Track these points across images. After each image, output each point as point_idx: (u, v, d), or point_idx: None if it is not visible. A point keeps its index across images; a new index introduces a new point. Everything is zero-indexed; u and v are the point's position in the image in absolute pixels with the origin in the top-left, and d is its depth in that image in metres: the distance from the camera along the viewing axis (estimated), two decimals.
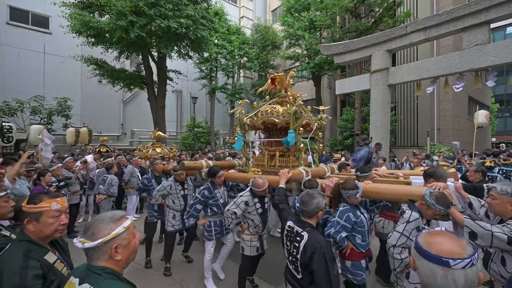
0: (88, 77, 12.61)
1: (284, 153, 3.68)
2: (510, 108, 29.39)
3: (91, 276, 1.03)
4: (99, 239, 1.03)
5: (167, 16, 9.18)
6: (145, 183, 4.47)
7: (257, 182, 2.97)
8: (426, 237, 0.96)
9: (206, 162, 3.97)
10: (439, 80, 7.21)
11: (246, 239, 3.11)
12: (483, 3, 5.83)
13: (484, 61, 5.89)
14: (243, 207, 3.02)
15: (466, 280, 0.84)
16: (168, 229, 3.87)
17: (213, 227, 3.46)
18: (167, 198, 3.93)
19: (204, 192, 3.43)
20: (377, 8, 12.89)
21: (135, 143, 16.37)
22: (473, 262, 0.86)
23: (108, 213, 1.14)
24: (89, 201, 6.45)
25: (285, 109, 3.44)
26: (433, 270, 0.88)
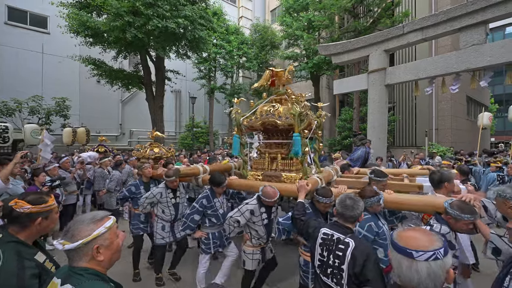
0: (87, 77, 12.59)
1: (286, 155, 3.44)
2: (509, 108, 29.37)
3: (73, 277, 1.02)
4: (79, 241, 1.02)
5: (165, 17, 9.17)
6: (132, 190, 3.86)
7: (267, 191, 2.71)
8: (400, 232, 1.01)
9: (202, 167, 3.64)
10: (436, 80, 7.22)
11: (248, 251, 2.87)
12: (479, 3, 5.85)
13: (481, 61, 5.91)
14: (248, 216, 2.75)
15: (429, 273, 0.88)
16: (158, 242, 3.51)
17: (211, 240, 3.15)
18: (156, 206, 3.55)
19: (203, 201, 3.11)
20: (375, 8, 12.90)
21: (133, 143, 16.36)
22: (437, 256, 0.89)
23: (89, 213, 1.14)
24: (86, 201, 6.45)
25: (286, 109, 3.20)
26: (399, 260, 0.94)
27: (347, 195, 1.88)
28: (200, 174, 3.55)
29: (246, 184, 3.27)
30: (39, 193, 1.48)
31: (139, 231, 3.83)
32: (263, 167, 3.49)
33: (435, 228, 1.92)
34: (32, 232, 1.38)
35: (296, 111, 3.06)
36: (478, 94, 17.43)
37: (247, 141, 3.73)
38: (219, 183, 3.11)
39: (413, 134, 14.42)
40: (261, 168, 3.50)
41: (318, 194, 2.47)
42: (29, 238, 1.38)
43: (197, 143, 17.51)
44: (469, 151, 11.32)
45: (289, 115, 3.12)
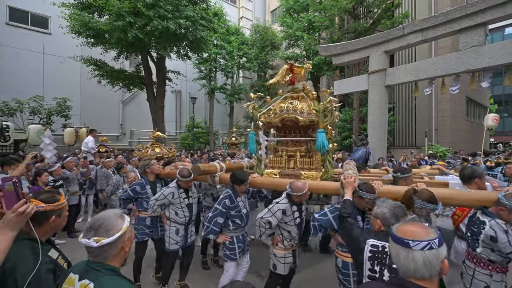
0: (88, 77, 12.64)
1: (305, 153, 3.30)
2: (508, 108, 29.51)
3: (90, 272, 1.07)
4: (115, 234, 1.09)
5: (166, 17, 9.22)
6: (137, 190, 3.48)
7: (296, 185, 2.56)
8: (399, 225, 1.08)
9: (219, 165, 3.35)
10: (436, 81, 7.27)
11: (279, 255, 2.67)
12: (479, 5, 5.90)
13: (480, 62, 5.96)
14: (280, 216, 2.58)
15: (425, 262, 0.94)
16: (171, 247, 3.16)
17: (236, 244, 2.90)
18: (167, 208, 3.24)
19: (226, 202, 2.85)
20: (376, 9, 12.96)
21: (134, 143, 16.39)
22: (432, 246, 0.95)
23: (109, 211, 1.21)
24: (88, 201, 6.47)
25: (306, 106, 3.08)
26: (398, 251, 1.00)
27: (396, 203, 1.74)
28: (218, 172, 3.28)
29: (270, 182, 3.09)
30: (51, 192, 1.51)
31: (144, 237, 3.46)
32: (280, 166, 3.33)
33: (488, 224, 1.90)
34: (46, 230, 1.42)
35: (319, 107, 2.95)
36: (478, 95, 17.49)
37: (263, 138, 3.56)
38: (242, 180, 2.88)
39: (413, 135, 14.48)
40: (277, 167, 3.34)
41: (361, 189, 2.25)
42: (43, 236, 1.42)
43: (197, 143, 17.55)
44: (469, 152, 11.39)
45: (311, 111, 2.99)
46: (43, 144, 5.06)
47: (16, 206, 1.23)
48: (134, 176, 4.56)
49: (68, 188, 5.07)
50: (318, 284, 3.36)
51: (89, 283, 1.04)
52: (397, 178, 2.72)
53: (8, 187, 1.28)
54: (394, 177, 2.78)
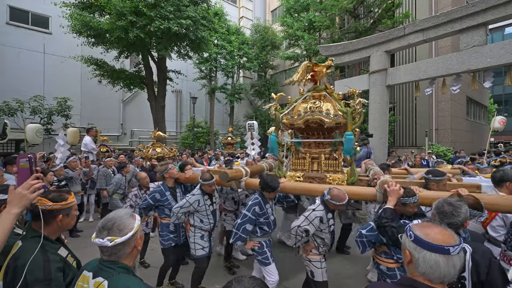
0: (89, 77, 12.64)
1: (330, 155, 3.19)
2: (508, 108, 29.55)
3: (104, 270, 1.09)
4: (128, 233, 1.12)
5: (168, 18, 9.23)
6: (157, 198, 3.35)
7: (339, 195, 2.43)
8: (422, 229, 1.02)
9: (245, 170, 3.22)
10: (436, 81, 7.28)
11: (315, 259, 2.58)
12: (480, 5, 5.91)
13: (481, 62, 5.97)
14: (317, 224, 2.47)
15: (461, 263, 0.96)
16: (198, 253, 3.07)
17: (266, 248, 2.85)
18: (191, 216, 3.15)
19: (255, 209, 2.76)
20: (376, 9, 12.97)
21: (135, 143, 16.40)
22: (462, 247, 0.97)
23: (120, 210, 1.23)
24: (90, 201, 6.49)
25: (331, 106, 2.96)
26: (436, 259, 0.95)
27: (445, 200, 1.68)
28: (243, 177, 3.16)
29: (302, 188, 2.95)
30: (59, 191, 1.53)
31: (170, 243, 3.33)
32: (304, 168, 3.22)
33: None
34: (54, 228, 1.44)
35: (347, 109, 2.83)
36: (478, 95, 17.52)
37: (284, 140, 3.40)
38: (273, 188, 2.75)
39: (414, 134, 14.50)
40: (301, 169, 3.24)
41: (405, 196, 2.15)
42: (52, 234, 1.44)
43: (197, 143, 17.56)
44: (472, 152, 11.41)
45: (337, 113, 2.87)
46: (57, 145, 5.09)
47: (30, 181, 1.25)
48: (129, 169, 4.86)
49: (71, 188, 5.08)
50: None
51: (103, 281, 1.06)
52: (428, 180, 2.59)
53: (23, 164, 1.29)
54: (425, 179, 2.64)
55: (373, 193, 2.47)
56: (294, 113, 3.13)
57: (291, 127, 3.27)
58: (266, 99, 20.32)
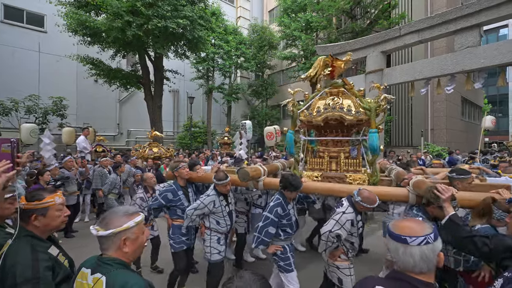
0: (84, 77, 12.54)
1: (349, 154, 3.06)
2: (502, 108, 29.91)
3: (102, 266, 1.10)
4: (111, 229, 1.11)
5: (165, 17, 9.22)
6: (169, 197, 3.12)
7: (370, 197, 2.26)
8: (395, 222, 1.12)
9: (263, 169, 3.04)
10: (432, 81, 7.36)
11: (343, 266, 2.37)
12: (473, 6, 5.99)
13: (475, 63, 6.05)
14: (349, 227, 2.30)
15: (422, 256, 0.98)
16: (213, 257, 2.89)
17: (289, 253, 2.65)
18: (207, 218, 2.96)
19: (277, 210, 2.57)
20: (373, 9, 13.07)
21: (131, 143, 16.31)
22: (428, 241, 0.99)
23: (123, 207, 1.24)
24: (85, 201, 6.45)
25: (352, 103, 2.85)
26: (396, 247, 1.04)
27: None
28: (262, 176, 2.98)
29: (327, 188, 2.78)
30: (39, 190, 1.51)
31: (182, 246, 3.09)
32: (321, 167, 3.07)
33: None
34: (36, 227, 1.41)
35: (370, 105, 2.70)
36: (472, 95, 17.72)
37: (301, 138, 3.23)
38: (296, 187, 2.55)
39: (409, 134, 14.63)
40: (318, 169, 3.09)
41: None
42: (41, 233, 1.43)
43: (195, 143, 17.54)
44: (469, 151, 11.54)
45: (359, 109, 2.74)
46: (43, 144, 5.03)
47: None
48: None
49: (67, 188, 5.05)
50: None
51: (101, 277, 1.06)
52: (452, 179, 2.46)
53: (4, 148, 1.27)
54: (449, 178, 2.52)
55: (405, 194, 2.32)
56: (312, 110, 2.96)
57: (309, 124, 3.08)
58: (263, 99, 20.35)
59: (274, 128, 11.26)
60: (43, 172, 3.89)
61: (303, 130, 3.42)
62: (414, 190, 2.26)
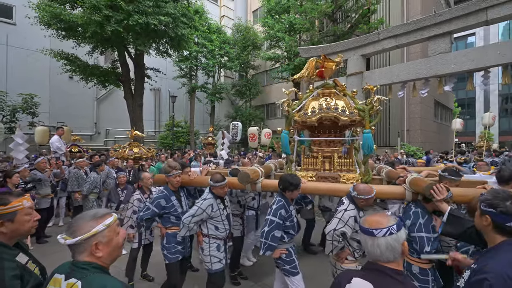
0: (58, 73, 11.86)
1: (342, 154, 3.12)
2: (470, 111, 32.11)
3: (77, 271, 1.05)
4: (78, 237, 1.05)
5: (146, 13, 8.94)
6: (163, 204, 2.90)
7: (364, 188, 2.31)
8: (365, 217, 1.20)
9: (261, 170, 2.96)
10: (407, 85, 7.74)
11: (352, 267, 2.29)
12: (445, 15, 6.38)
13: (446, 68, 6.44)
14: (353, 224, 2.26)
15: (387, 246, 1.07)
16: (215, 266, 2.72)
17: (294, 255, 2.59)
18: (204, 224, 2.79)
19: (281, 213, 2.50)
20: (353, 14, 13.50)
21: (110, 142, 15.67)
22: (391, 231, 1.08)
23: (91, 211, 1.17)
24: (60, 204, 6.12)
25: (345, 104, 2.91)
26: (365, 240, 1.13)
27: None
28: (260, 178, 2.88)
29: (326, 188, 2.81)
30: (5, 194, 1.42)
31: (178, 256, 2.88)
32: (316, 168, 3.11)
33: None
34: (3, 234, 1.33)
35: (364, 106, 2.77)
36: (444, 98, 18.83)
37: (295, 138, 3.24)
38: (296, 185, 2.51)
39: (387, 135, 15.27)
40: (312, 169, 3.12)
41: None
42: (7, 240, 1.35)
43: (177, 143, 17.18)
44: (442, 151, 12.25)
45: (353, 110, 2.80)
46: (14, 144, 4.68)
47: None
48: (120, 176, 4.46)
49: (39, 191, 4.74)
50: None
51: (76, 282, 1.01)
52: (444, 178, 2.48)
53: None
54: (440, 176, 2.56)
55: (401, 191, 2.38)
56: (306, 110, 2.99)
57: (303, 124, 3.10)
58: (247, 99, 20.35)
59: (257, 130, 11.30)
60: (11, 174, 3.62)
61: (296, 130, 3.44)
62: (410, 187, 2.32)
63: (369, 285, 1.06)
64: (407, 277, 1.12)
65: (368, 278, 1.08)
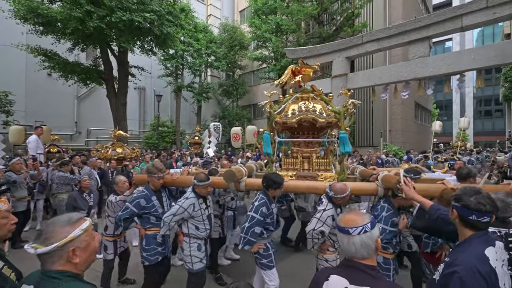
0: (36, 69, 11.30)
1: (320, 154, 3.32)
2: (447, 112, 33.72)
3: (47, 281, 0.98)
4: (54, 244, 0.98)
5: (130, 9, 8.70)
6: (142, 204, 2.84)
7: (339, 187, 2.51)
8: (342, 217, 1.24)
9: (244, 169, 3.05)
10: (390, 87, 8.03)
11: (332, 258, 2.57)
12: (424, 20, 6.68)
13: (425, 71, 6.75)
14: (330, 223, 2.46)
15: (362, 243, 1.12)
16: (196, 266, 2.72)
17: (271, 250, 2.71)
18: (185, 223, 2.79)
19: (263, 210, 2.60)
20: (338, 17, 13.81)
21: (91, 142, 15.13)
22: (366, 229, 1.12)
23: (64, 215, 1.10)
24: (38, 207, 5.83)
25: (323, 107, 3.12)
26: (342, 238, 1.17)
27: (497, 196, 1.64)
28: (243, 177, 2.95)
29: (306, 186, 2.95)
30: None
31: (157, 257, 2.84)
32: (295, 167, 3.28)
33: None
34: None
35: (340, 109, 2.99)
36: (424, 100, 19.66)
37: (276, 139, 3.38)
38: (280, 184, 2.62)
39: (371, 135, 15.73)
40: (292, 168, 3.30)
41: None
42: None
43: (163, 143, 16.85)
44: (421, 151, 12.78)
45: (329, 113, 3.02)
46: None
47: None
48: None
49: (15, 194, 4.51)
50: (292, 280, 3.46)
51: None
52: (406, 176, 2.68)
53: None
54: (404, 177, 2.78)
55: (374, 187, 2.61)
56: (287, 112, 3.18)
57: (284, 125, 3.27)
58: (234, 99, 20.29)
59: (240, 130, 11.29)
60: None
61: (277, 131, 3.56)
62: (382, 184, 2.55)
63: (345, 281, 1.10)
64: (380, 272, 1.17)
65: (343, 275, 1.13)
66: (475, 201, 1.30)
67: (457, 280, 1.17)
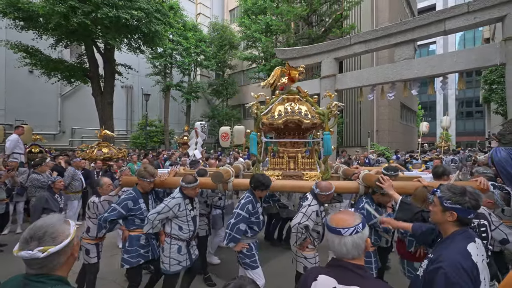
0: (16, 66, 10.83)
1: (305, 154, 3.41)
2: (432, 113, 34.84)
3: (31, 285, 0.94)
4: (64, 241, 0.97)
5: (117, 6, 8.48)
6: (129, 206, 2.80)
7: (325, 185, 2.60)
8: (332, 216, 1.22)
9: (231, 170, 3.08)
10: (377, 88, 8.21)
11: (310, 256, 2.63)
12: (410, 23, 6.87)
13: (410, 73, 6.94)
14: (314, 218, 2.54)
15: (353, 244, 1.11)
16: (173, 268, 2.68)
17: (254, 250, 2.74)
18: (168, 223, 2.76)
19: (248, 207, 2.65)
20: (327, 18, 13.99)
21: (76, 142, 14.66)
22: (357, 230, 1.12)
23: (52, 216, 1.05)
24: (17, 209, 5.59)
25: (308, 108, 3.22)
26: (333, 239, 1.15)
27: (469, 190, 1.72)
28: (231, 177, 2.98)
29: (291, 185, 3.01)
30: None
31: (139, 260, 2.79)
32: (281, 167, 3.37)
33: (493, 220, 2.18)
34: None
35: (324, 111, 3.09)
36: (409, 101, 20.23)
37: (262, 140, 3.42)
38: (267, 185, 2.67)
39: (359, 135, 16.04)
40: (279, 168, 3.38)
41: None
42: None
43: (151, 142, 16.55)
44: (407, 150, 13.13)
45: (314, 114, 3.11)
46: None
47: None
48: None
49: None
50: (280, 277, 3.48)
51: None
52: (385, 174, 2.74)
53: None
54: (383, 173, 2.82)
55: (356, 186, 2.74)
56: (275, 113, 3.25)
57: (270, 126, 3.32)
58: (224, 99, 20.19)
59: (229, 129, 11.25)
60: None
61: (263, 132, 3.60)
62: (363, 182, 2.67)
63: (333, 281, 1.10)
64: (367, 270, 1.18)
65: (332, 274, 1.13)
66: (474, 201, 1.34)
67: (442, 276, 1.20)
